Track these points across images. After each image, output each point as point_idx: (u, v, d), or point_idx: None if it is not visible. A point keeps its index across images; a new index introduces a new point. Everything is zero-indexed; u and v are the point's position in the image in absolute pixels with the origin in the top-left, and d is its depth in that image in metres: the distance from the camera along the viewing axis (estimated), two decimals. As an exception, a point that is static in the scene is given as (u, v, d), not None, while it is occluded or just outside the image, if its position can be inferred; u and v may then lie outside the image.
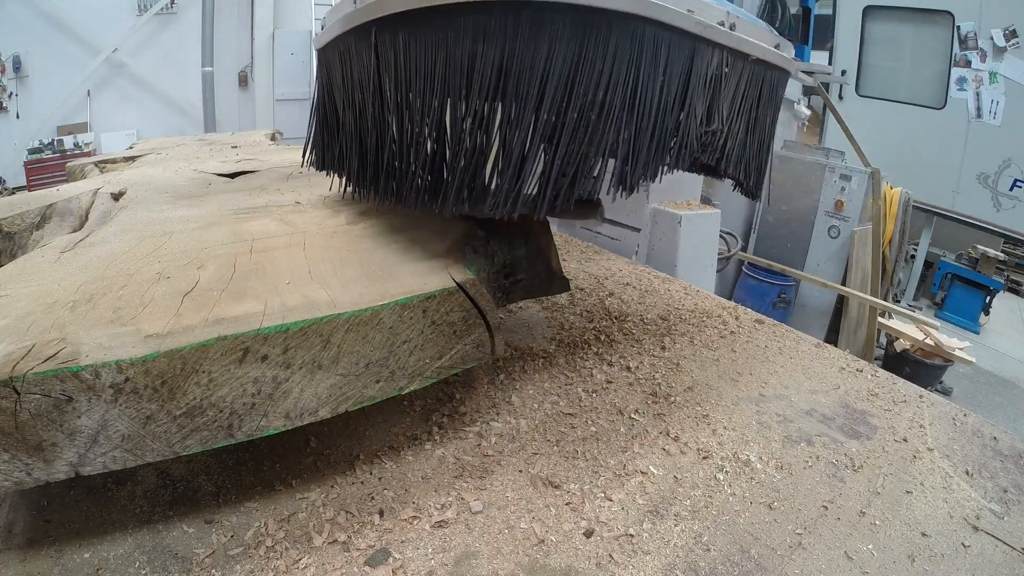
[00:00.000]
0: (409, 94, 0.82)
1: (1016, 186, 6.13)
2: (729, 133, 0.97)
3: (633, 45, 0.77)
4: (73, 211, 1.43)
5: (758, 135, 1.05)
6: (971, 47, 6.19)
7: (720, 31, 0.87)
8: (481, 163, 0.80)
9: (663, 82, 0.82)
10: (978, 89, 6.23)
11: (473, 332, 0.97)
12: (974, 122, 6.33)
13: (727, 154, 0.98)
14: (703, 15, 0.83)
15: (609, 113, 0.78)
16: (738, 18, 0.90)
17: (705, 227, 2.67)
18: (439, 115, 0.80)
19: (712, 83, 0.90)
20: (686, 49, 0.84)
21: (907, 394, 1.40)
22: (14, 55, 6.01)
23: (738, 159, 1.02)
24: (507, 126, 0.77)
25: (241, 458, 1.05)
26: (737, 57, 0.92)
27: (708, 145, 0.94)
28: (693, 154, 0.93)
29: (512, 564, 0.86)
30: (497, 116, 0.78)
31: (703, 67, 0.87)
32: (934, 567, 0.90)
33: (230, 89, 6.89)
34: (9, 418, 0.68)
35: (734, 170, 1.03)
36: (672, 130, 0.87)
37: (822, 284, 5.52)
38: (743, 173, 1.05)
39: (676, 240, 2.46)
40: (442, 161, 0.83)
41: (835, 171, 5.63)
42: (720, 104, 0.92)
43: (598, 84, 0.76)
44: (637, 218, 2.65)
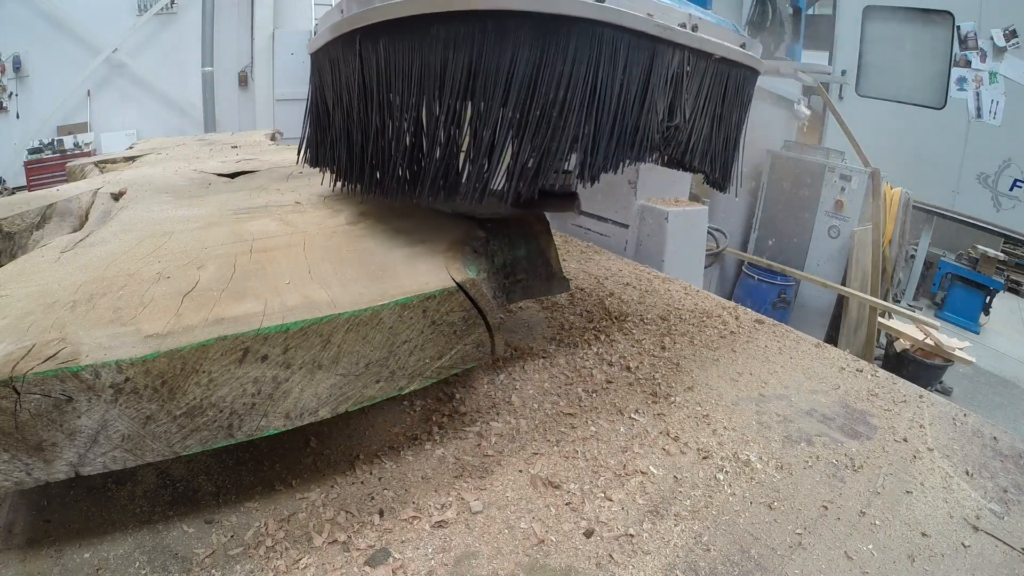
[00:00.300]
0: (390, 94, 0.88)
1: (1016, 186, 6.13)
2: (693, 128, 1.02)
3: (592, 48, 0.83)
4: (73, 211, 1.43)
5: (724, 130, 1.10)
6: (971, 47, 6.19)
7: (681, 32, 0.92)
8: (454, 155, 0.87)
9: (623, 81, 0.88)
10: (978, 89, 6.23)
11: (473, 332, 0.97)
12: (974, 122, 6.34)
13: (692, 148, 1.03)
14: (663, 18, 0.89)
15: (570, 110, 0.83)
16: (700, 19, 0.95)
17: (692, 223, 2.75)
18: (416, 113, 0.87)
19: (673, 81, 0.95)
20: (645, 50, 0.89)
21: (907, 394, 1.40)
22: (14, 55, 6.01)
23: (703, 153, 1.07)
24: (476, 122, 0.83)
25: (241, 458, 1.05)
26: (700, 56, 0.98)
27: (671, 140, 1.00)
28: (655, 148, 0.99)
29: (512, 564, 0.86)
30: (467, 113, 0.84)
31: (663, 67, 0.93)
32: (934, 567, 0.90)
33: (230, 89, 6.89)
34: (9, 418, 0.68)
35: (700, 163, 1.08)
36: (633, 126, 0.92)
37: (822, 284, 5.52)
38: (709, 166, 1.10)
39: (663, 236, 2.52)
40: (419, 154, 0.90)
41: (835, 171, 5.64)
42: (682, 101, 0.98)
43: (559, 84, 0.82)
44: (625, 215, 2.71)
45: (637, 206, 2.68)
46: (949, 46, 6.34)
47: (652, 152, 1.01)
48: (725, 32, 1.01)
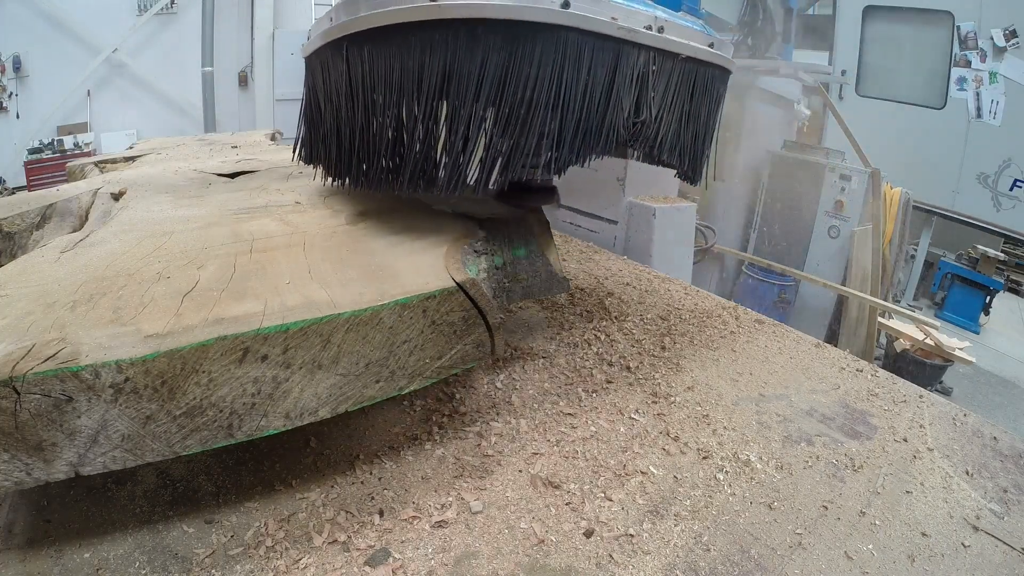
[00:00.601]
0: (374, 95, 0.95)
1: (1016, 186, 6.13)
2: (661, 124, 1.08)
3: (557, 51, 0.89)
4: (73, 211, 1.43)
5: (693, 126, 1.15)
6: (971, 47, 6.19)
7: (646, 34, 0.98)
8: (432, 150, 0.92)
9: (587, 81, 0.94)
10: (978, 89, 6.23)
11: (473, 332, 0.97)
12: (974, 122, 6.33)
13: (660, 143, 1.09)
14: (627, 21, 0.95)
15: (536, 108, 0.90)
16: (668, 21, 1.01)
17: (680, 220, 2.83)
18: (397, 111, 0.92)
19: (640, 80, 1.01)
20: (610, 51, 0.95)
21: (907, 394, 1.40)
22: (14, 55, 6.01)
23: (672, 147, 1.13)
24: (451, 120, 0.90)
25: (241, 458, 1.05)
26: (666, 56, 1.03)
27: (639, 135, 1.06)
28: (623, 142, 1.05)
29: (512, 564, 0.86)
30: (443, 112, 0.90)
31: (628, 66, 0.98)
32: (934, 567, 0.90)
33: (230, 89, 6.89)
34: (9, 418, 0.68)
35: (668, 157, 1.14)
36: (598, 122, 0.98)
37: (822, 284, 5.52)
38: (678, 160, 1.16)
39: (651, 232, 2.60)
40: (401, 148, 0.95)
41: (835, 171, 5.64)
42: (649, 98, 1.03)
43: (526, 84, 0.89)
44: (615, 211, 2.79)
45: (626, 203, 2.75)
46: (949, 46, 6.34)
47: (619, 146, 1.06)
48: (693, 33, 1.07)
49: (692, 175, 1.23)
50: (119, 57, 6.44)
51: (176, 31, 6.74)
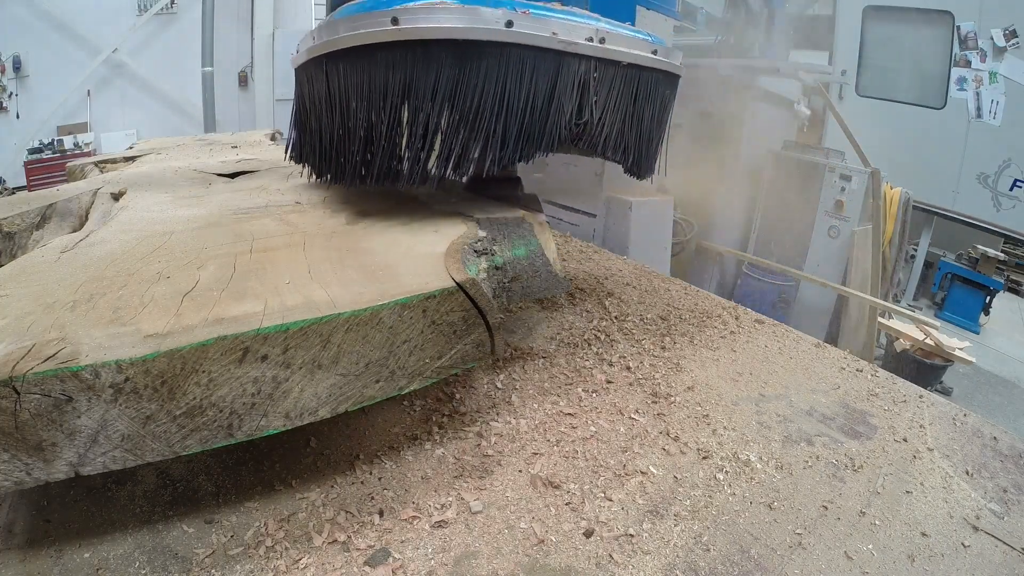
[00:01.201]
0: (349, 102, 1.07)
1: (1016, 186, 6.13)
2: (603, 124, 1.18)
3: (501, 64, 1.02)
4: (73, 211, 1.43)
5: (638, 126, 1.25)
6: (971, 47, 6.18)
7: (586, 45, 1.09)
8: (396, 147, 1.05)
9: (529, 89, 1.06)
10: (978, 89, 6.22)
11: (473, 332, 0.97)
12: (974, 122, 6.33)
13: (604, 141, 1.20)
14: (568, 35, 1.06)
15: (482, 114, 1.03)
16: (609, 32, 1.11)
17: (656, 213, 2.97)
18: (368, 116, 1.05)
19: (581, 86, 1.12)
20: (551, 62, 1.07)
21: (907, 394, 1.40)
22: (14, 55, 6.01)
23: (616, 145, 1.23)
24: (412, 124, 1.03)
25: (241, 458, 1.05)
26: (607, 64, 1.14)
27: (583, 135, 1.17)
28: (566, 141, 1.17)
29: (512, 564, 0.86)
30: (405, 117, 1.03)
31: (569, 74, 1.10)
32: (934, 567, 0.90)
33: (230, 89, 6.89)
34: (9, 418, 0.68)
35: (613, 154, 1.25)
36: (540, 124, 1.10)
37: (822, 284, 5.52)
38: (623, 157, 1.27)
39: (627, 224, 2.73)
40: (371, 148, 1.07)
41: (835, 171, 5.63)
42: (591, 102, 1.15)
43: (474, 93, 1.02)
44: (593, 205, 2.91)
45: (604, 197, 2.89)
46: (949, 46, 6.34)
47: (564, 144, 1.18)
48: (636, 42, 1.17)
49: (638, 171, 1.32)
50: (119, 57, 6.44)
51: (176, 31, 6.74)
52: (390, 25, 0.96)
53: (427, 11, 0.95)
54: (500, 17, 0.98)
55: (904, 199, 5.76)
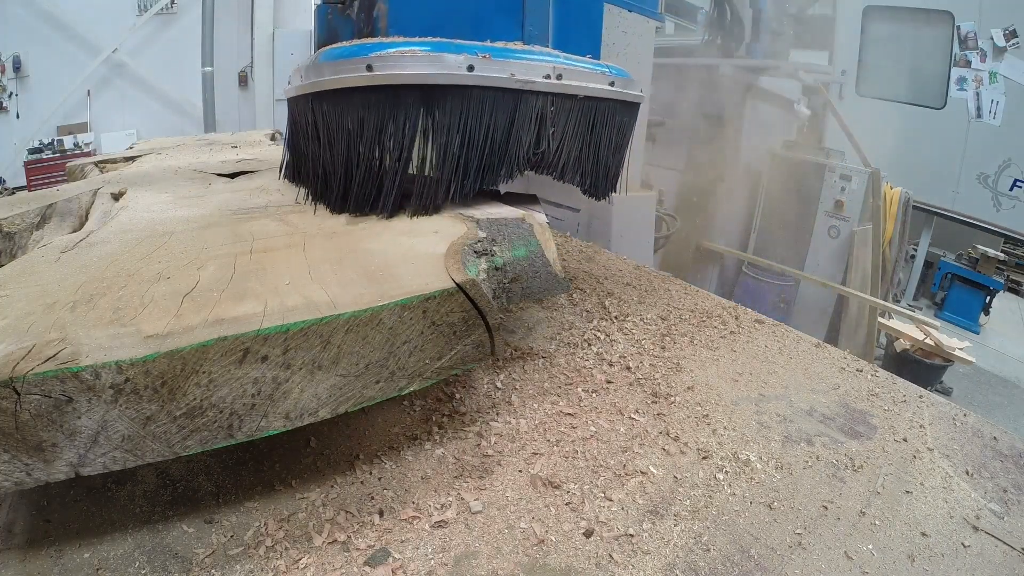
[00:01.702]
0: (332, 137, 1.16)
1: (1016, 186, 6.13)
2: (560, 152, 1.28)
3: (463, 103, 1.12)
4: (73, 211, 1.43)
5: (594, 152, 1.34)
6: (971, 47, 6.18)
7: (543, 83, 1.17)
8: (374, 180, 1.17)
9: (489, 124, 1.16)
10: (978, 89, 6.22)
11: (473, 333, 0.97)
12: (974, 122, 6.33)
13: (561, 167, 1.30)
14: (525, 74, 1.15)
15: (448, 148, 1.14)
16: (567, 68, 1.20)
17: (638, 208, 3.09)
18: (347, 150, 1.15)
19: (538, 119, 1.21)
20: (510, 100, 1.16)
21: (907, 394, 1.40)
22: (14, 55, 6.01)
23: (574, 170, 1.33)
24: (385, 157, 1.15)
25: (241, 458, 1.05)
26: (564, 98, 1.23)
27: (540, 162, 1.27)
28: (525, 168, 1.27)
29: (512, 564, 0.86)
30: (378, 152, 1.15)
31: (527, 109, 1.19)
32: (934, 567, 0.90)
33: (230, 89, 6.89)
34: (9, 418, 0.68)
35: (571, 178, 1.35)
36: (500, 155, 1.20)
37: (822, 284, 5.52)
38: (580, 180, 1.36)
39: (609, 219, 2.84)
40: (350, 179, 1.18)
41: (835, 171, 5.64)
42: (548, 133, 1.24)
43: (439, 130, 1.13)
44: (577, 200, 3.03)
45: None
46: (949, 46, 6.34)
47: (523, 170, 1.27)
48: (594, 75, 1.26)
49: (595, 193, 1.41)
50: (119, 57, 6.44)
51: (176, 31, 6.74)
52: (365, 71, 1.06)
53: (398, 58, 1.06)
54: (462, 62, 1.08)
55: (904, 199, 5.76)
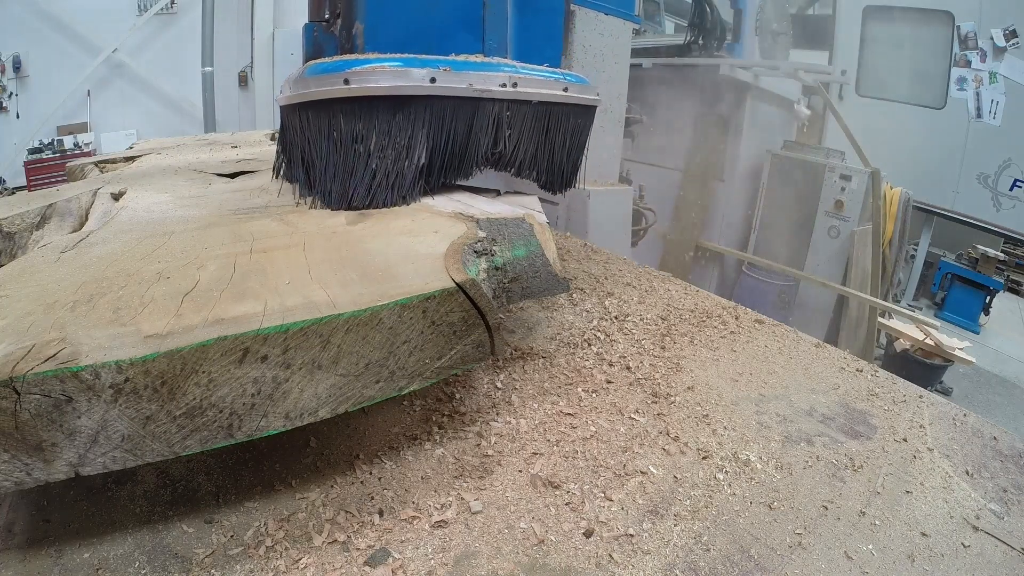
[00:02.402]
0: (314, 140, 1.29)
1: (1016, 186, 6.13)
2: (516, 152, 1.41)
3: (426, 111, 1.27)
4: (73, 211, 1.43)
5: (549, 151, 1.46)
6: (971, 47, 6.18)
7: (499, 91, 1.31)
8: (350, 178, 1.30)
9: (451, 128, 1.30)
10: (978, 89, 6.22)
11: (473, 332, 0.97)
12: (974, 122, 6.33)
13: (518, 165, 1.43)
14: (482, 84, 1.29)
15: (412, 148, 1.28)
16: (522, 77, 1.34)
17: (615, 202, 3.22)
18: (329, 153, 1.28)
19: (496, 123, 1.35)
20: (469, 106, 1.30)
21: (907, 394, 1.40)
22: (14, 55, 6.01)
23: (530, 167, 1.46)
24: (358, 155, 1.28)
25: (241, 458, 1.05)
26: (519, 103, 1.36)
27: (499, 160, 1.41)
28: (484, 166, 1.41)
29: (512, 564, 0.86)
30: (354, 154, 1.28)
31: (484, 115, 1.33)
32: (934, 567, 0.90)
33: (230, 89, 6.89)
34: (9, 418, 0.68)
35: (527, 174, 1.48)
36: (460, 156, 1.35)
37: (822, 284, 5.52)
38: (536, 176, 1.49)
39: (587, 212, 2.95)
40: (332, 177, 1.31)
41: (835, 171, 5.64)
42: (504, 135, 1.37)
43: (405, 133, 1.27)
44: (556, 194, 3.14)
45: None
46: (949, 46, 6.34)
47: (482, 168, 1.41)
48: (548, 82, 1.39)
49: (551, 188, 1.54)
50: (119, 57, 6.44)
51: (176, 31, 6.74)
52: (343, 84, 1.21)
53: (370, 73, 1.21)
54: (425, 75, 1.23)
55: (904, 199, 5.76)
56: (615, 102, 3.28)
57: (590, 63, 3.03)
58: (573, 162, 1.54)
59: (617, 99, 3.28)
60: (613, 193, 3.17)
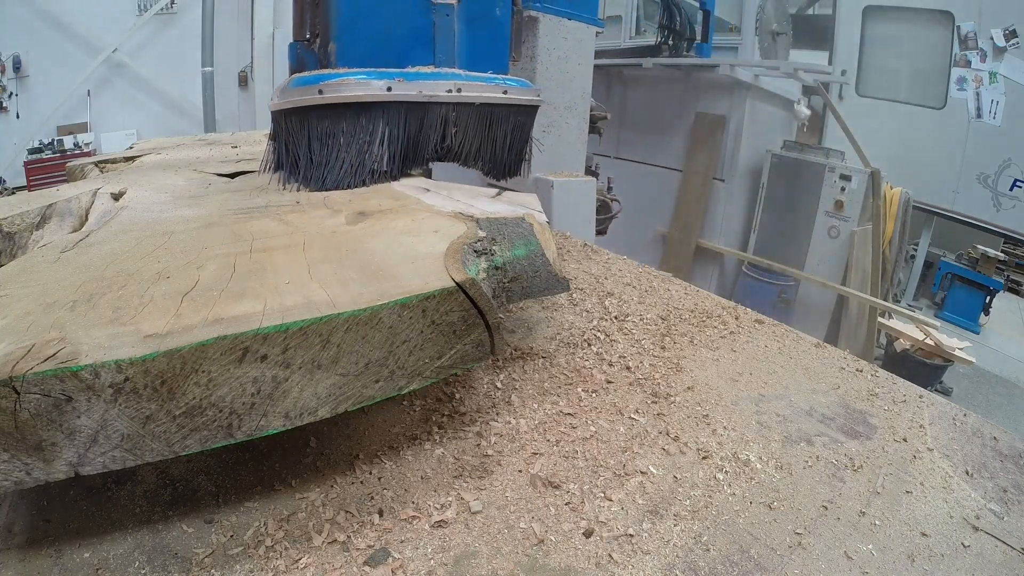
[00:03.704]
0: (295, 138, 1.53)
1: (1016, 186, 6.13)
2: (462, 146, 1.66)
3: (385, 114, 1.52)
4: (73, 211, 1.43)
5: (492, 145, 1.72)
6: (971, 47, 6.18)
7: (445, 96, 1.57)
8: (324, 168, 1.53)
9: (404, 127, 1.56)
10: (978, 89, 6.22)
11: (472, 332, 0.97)
12: (974, 122, 6.33)
13: (464, 157, 1.69)
14: (431, 91, 1.55)
15: (372, 144, 1.53)
16: (466, 83, 1.60)
17: (578, 192, 3.41)
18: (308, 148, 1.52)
19: (443, 122, 1.60)
20: (420, 110, 1.56)
21: (907, 394, 1.40)
22: (14, 55, 6.01)
23: (475, 159, 1.71)
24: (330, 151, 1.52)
25: (241, 458, 1.05)
26: (463, 106, 1.61)
27: (447, 154, 1.67)
28: (434, 159, 1.67)
29: (511, 564, 0.86)
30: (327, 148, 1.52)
31: (433, 116, 1.58)
32: (934, 567, 0.90)
33: (230, 89, 6.90)
34: (9, 418, 0.68)
35: (472, 164, 1.73)
36: (413, 150, 1.60)
37: (822, 284, 5.52)
38: (481, 166, 1.74)
39: (551, 202, 3.15)
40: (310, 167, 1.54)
41: (835, 171, 5.64)
42: (451, 132, 1.63)
43: (367, 132, 1.52)
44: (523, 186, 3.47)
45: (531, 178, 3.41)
46: (949, 46, 6.34)
47: (433, 160, 1.68)
48: (489, 87, 1.64)
49: (496, 176, 1.78)
50: (119, 57, 6.44)
51: (176, 31, 6.74)
52: (317, 94, 1.45)
53: (339, 84, 1.45)
54: (383, 85, 1.48)
55: (904, 199, 5.76)
56: (579, 101, 3.52)
57: (554, 65, 3.31)
58: (516, 154, 1.79)
59: (581, 98, 3.52)
60: (577, 183, 3.42)
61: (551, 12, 3.20)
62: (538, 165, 3.60)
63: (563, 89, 3.42)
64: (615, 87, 6.84)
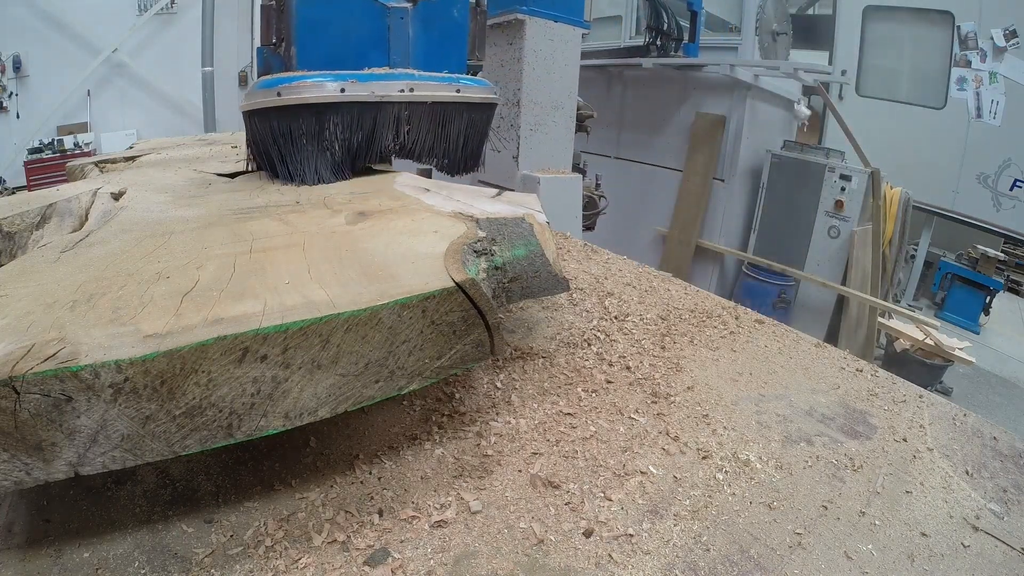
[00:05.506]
0: (262, 138, 1.61)
1: (1016, 186, 6.13)
2: (416, 143, 1.71)
3: (340, 113, 1.57)
4: (73, 211, 1.43)
5: (444, 142, 1.75)
6: (971, 47, 6.18)
7: (398, 95, 1.61)
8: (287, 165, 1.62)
9: (359, 125, 1.61)
10: (978, 89, 6.22)
11: (472, 332, 0.97)
12: (974, 122, 6.33)
13: (418, 153, 1.73)
14: (383, 91, 1.59)
15: (331, 142, 1.61)
16: (418, 83, 1.64)
17: (564, 188, 3.55)
18: (274, 146, 1.60)
19: (396, 121, 1.65)
20: (373, 109, 1.60)
21: (907, 394, 1.40)
22: (14, 55, 6.01)
23: (429, 155, 1.76)
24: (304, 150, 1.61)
25: (241, 458, 1.05)
26: (416, 104, 1.65)
27: (401, 150, 1.72)
28: (389, 156, 1.72)
29: (511, 564, 0.86)
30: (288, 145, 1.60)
31: (386, 115, 1.63)
32: (934, 567, 0.90)
33: (230, 89, 6.89)
34: (9, 418, 0.68)
35: (427, 161, 1.78)
36: (367, 147, 1.66)
37: (822, 284, 5.52)
38: (436, 162, 1.79)
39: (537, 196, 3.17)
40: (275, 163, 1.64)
41: (835, 171, 5.64)
42: (404, 130, 1.67)
43: (324, 132, 1.58)
44: (511, 182, 3.54)
45: (520, 175, 3.53)
46: (949, 46, 6.34)
47: (389, 156, 1.72)
48: (441, 86, 1.68)
49: (450, 172, 1.83)
50: (119, 57, 6.44)
51: (176, 31, 6.74)
52: (276, 96, 1.51)
53: (296, 87, 1.51)
54: (337, 87, 1.54)
55: (904, 199, 5.76)
56: (566, 100, 3.64)
57: (541, 66, 3.41)
58: (471, 150, 1.83)
59: (568, 97, 3.64)
60: (563, 180, 3.56)
61: (538, 15, 3.31)
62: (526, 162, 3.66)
63: (550, 89, 3.52)
64: (615, 87, 6.85)
